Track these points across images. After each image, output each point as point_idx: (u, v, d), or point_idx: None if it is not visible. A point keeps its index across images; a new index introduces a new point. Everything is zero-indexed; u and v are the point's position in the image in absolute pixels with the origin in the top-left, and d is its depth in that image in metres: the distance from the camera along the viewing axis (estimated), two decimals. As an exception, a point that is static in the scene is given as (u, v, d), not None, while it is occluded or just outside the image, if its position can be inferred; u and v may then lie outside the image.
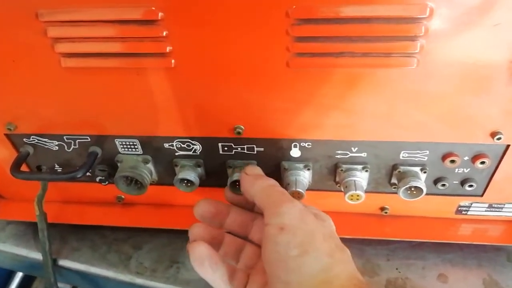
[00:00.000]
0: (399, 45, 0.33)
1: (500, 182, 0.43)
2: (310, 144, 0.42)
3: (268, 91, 0.37)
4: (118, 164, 0.45)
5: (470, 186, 0.43)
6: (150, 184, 0.46)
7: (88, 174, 0.45)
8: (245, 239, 0.40)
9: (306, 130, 0.40)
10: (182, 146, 0.44)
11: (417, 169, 0.42)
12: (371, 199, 0.46)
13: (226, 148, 0.43)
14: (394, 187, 0.44)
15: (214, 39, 0.34)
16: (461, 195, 0.45)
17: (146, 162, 0.45)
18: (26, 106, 0.41)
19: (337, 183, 0.45)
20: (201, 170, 0.45)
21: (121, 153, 0.45)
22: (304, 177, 0.43)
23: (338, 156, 0.42)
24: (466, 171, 0.42)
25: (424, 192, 0.41)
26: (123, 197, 0.52)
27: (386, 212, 0.48)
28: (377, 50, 0.33)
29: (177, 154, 0.44)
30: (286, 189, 0.40)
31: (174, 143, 0.43)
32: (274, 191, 0.37)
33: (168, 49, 0.35)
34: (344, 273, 0.32)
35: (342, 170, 0.43)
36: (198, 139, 0.43)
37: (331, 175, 0.45)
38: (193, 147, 0.44)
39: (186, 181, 0.44)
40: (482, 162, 0.40)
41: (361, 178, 0.43)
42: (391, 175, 0.43)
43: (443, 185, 0.43)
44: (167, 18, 0.33)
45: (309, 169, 0.43)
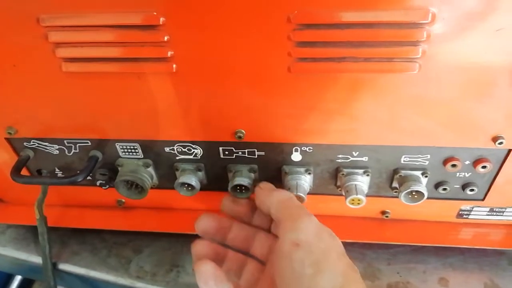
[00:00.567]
0: (401, 50, 0.33)
1: (501, 186, 0.43)
2: (311, 148, 0.41)
3: (269, 96, 0.37)
4: (119, 168, 0.45)
5: (471, 190, 0.43)
6: (151, 188, 0.46)
7: (88, 178, 0.45)
8: (246, 254, 0.40)
9: (307, 134, 0.40)
10: (183, 150, 0.43)
11: (418, 173, 0.42)
12: (372, 203, 0.46)
13: (227, 152, 0.43)
14: (395, 191, 0.44)
15: (216, 44, 0.34)
16: (462, 199, 0.45)
17: (147, 166, 0.45)
18: (27, 110, 0.41)
19: (338, 187, 0.44)
20: (202, 174, 0.45)
21: (121, 157, 0.45)
22: (305, 181, 0.43)
23: (339, 160, 0.42)
24: (467, 176, 0.42)
25: (425, 196, 0.41)
26: (124, 201, 0.52)
27: (387, 216, 0.48)
28: (378, 55, 0.33)
29: (178, 158, 0.44)
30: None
31: (175, 147, 0.43)
32: (292, 204, 0.37)
33: (169, 54, 0.35)
34: None
35: (343, 174, 0.43)
36: (199, 143, 0.43)
37: (332, 179, 0.44)
38: (194, 151, 0.43)
39: (187, 185, 0.44)
40: (484, 167, 0.40)
41: (362, 182, 0.42)
42: (392, 179, 0.43)
43: (444, 189, 0.43)
44: (169, 23, 0.33)
45: (310, 173, 0.43)
